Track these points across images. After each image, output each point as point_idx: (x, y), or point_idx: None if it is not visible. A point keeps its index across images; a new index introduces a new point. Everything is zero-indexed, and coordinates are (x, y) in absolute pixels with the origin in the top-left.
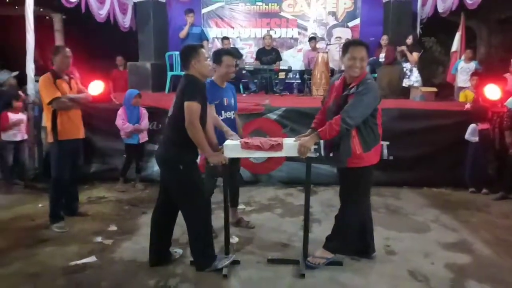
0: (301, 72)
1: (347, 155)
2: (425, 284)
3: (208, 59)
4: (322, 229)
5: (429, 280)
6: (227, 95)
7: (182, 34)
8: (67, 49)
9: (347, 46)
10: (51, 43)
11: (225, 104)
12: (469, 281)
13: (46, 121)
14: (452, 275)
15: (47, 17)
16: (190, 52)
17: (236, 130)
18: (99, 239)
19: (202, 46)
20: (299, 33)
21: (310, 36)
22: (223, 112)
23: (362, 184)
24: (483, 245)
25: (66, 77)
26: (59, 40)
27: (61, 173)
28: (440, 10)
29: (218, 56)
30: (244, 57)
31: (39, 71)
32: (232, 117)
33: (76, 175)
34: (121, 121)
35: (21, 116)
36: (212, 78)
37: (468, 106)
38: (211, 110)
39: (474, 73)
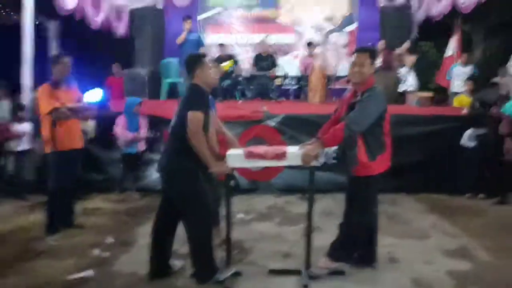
0: (298, 78)
1: (353, 164)
2: None
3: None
4: (323, 238)
5: None
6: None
7: (179, 39)
8: (67, 58)
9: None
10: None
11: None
12: None
13: (44, 132)
14: (454, 282)
15: (40, 25)
16: (194, 61)
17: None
18: (96, 251)
19: (205, 55)
20: (295, 39)
21: (307, 42)
22: None
23: (368, 192)
24: (483, 251)
25: (64, 87)
26: (53, 48)
27: (59, 184)
28: (433, 13)
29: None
30: (241, 63)
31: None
32: None
33: (74, 186)
34: (120, 129)
35: (25, 125)
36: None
37: (465, 111)
38: (214, 118)
39: (469, 78)
